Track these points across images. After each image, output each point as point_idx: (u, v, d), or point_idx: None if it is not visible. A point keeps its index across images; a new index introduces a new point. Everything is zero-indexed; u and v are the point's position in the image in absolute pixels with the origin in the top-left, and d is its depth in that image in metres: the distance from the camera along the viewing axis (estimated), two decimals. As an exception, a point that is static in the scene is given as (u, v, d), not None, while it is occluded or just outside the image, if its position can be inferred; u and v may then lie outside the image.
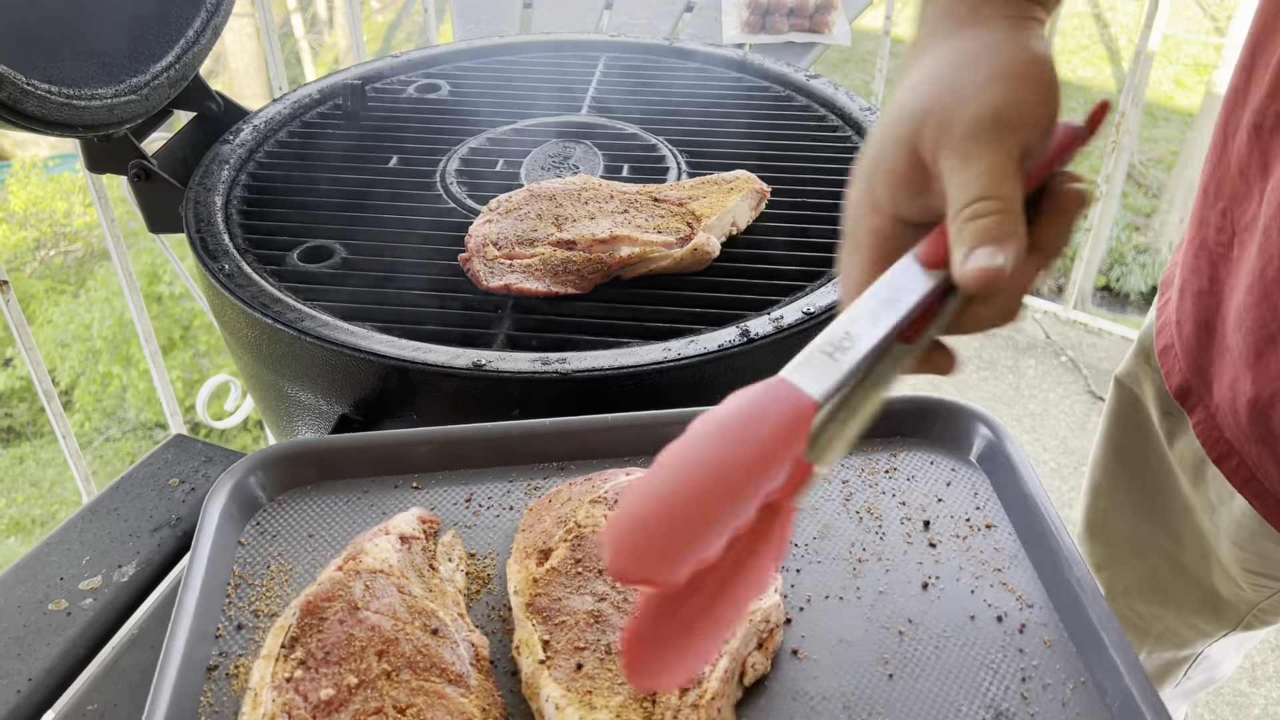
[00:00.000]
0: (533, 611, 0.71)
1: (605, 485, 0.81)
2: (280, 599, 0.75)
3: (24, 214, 6.90)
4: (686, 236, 1.12)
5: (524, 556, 0.76)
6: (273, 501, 0.84)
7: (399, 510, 0.83)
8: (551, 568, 0.73)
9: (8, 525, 5.37)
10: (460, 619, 0.72)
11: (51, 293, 6.62)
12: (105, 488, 0.95)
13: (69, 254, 7.01)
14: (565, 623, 0.69)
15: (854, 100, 1.44)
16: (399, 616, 0.69)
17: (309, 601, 0.69)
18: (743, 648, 0.69)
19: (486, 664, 0.70)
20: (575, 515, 0.77)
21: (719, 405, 0.49)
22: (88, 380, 5.98)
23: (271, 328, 1.02)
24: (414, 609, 0.70)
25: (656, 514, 0.42)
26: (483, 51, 1.65)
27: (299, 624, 0.67)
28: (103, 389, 5.96)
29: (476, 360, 0.97)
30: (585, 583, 0.72)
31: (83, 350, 6.06)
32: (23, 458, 5.79)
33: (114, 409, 5.95)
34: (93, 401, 5.94)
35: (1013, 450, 0.86)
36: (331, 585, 0.70)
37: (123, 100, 1.19)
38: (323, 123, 1.46)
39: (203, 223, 1.18)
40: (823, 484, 0.86)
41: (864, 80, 7.05)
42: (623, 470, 0.84)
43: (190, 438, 0.99)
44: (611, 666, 0.67)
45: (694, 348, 0.99)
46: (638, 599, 0.56)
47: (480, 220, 1.15)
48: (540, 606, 0.71)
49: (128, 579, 0.86)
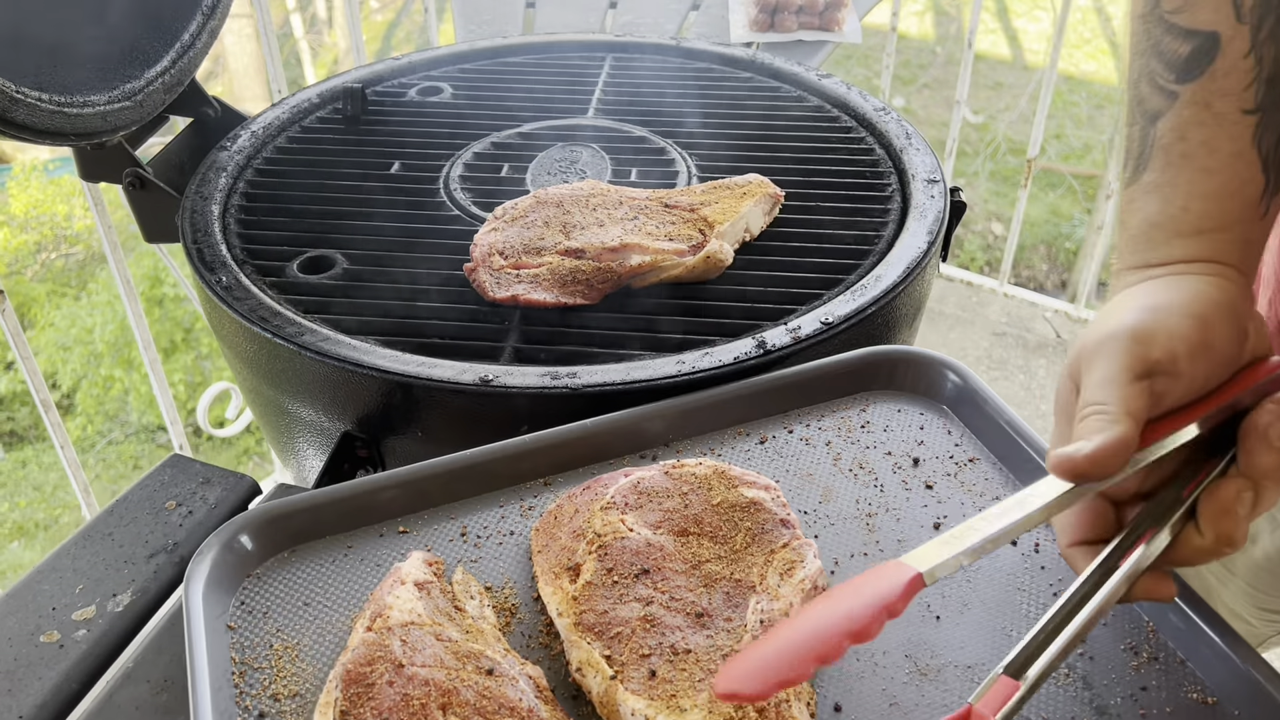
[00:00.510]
0: (583, 630, 0.69)
1: (609, 491, 0.79)
2: (298, 677, 0.71)
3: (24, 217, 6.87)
4: (699, 244, 1.08)
5: (553, 578, 0.74)
6: (251, 577, 0.79)
7: (392, 560, 0.80)
8: (587, 582, 0.72)
9: (10, 530, 5.35)
10: (509, 654, 0.69)
11: (53, 296, 6.59)
12: (104, 497, 0.92)
13: (70, 257, 6.98)
14: (621, 634, 0.68)
15: (868, 100, 1.40)
16: (448, 665, 0.66)
17: (349, 671, 0.65)
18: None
19: (548, 693, 0.67)
20: (592, 526, 0.76)
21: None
22: (90, 384, 5.96)
23: (270, 342, 0.99)
24: (461, 654, 0.67)
25: (766, 653, 0.51)
26: (485, 53, 1.61)
27: (345, 696, 0.64)
28: (105, 392, 5.94)
29: (483, 376, 0.93)
30: (626, 590, 0.71)
31: (84, 354, 6.04)
32: (25, 461, 5.77)
33: (116, 412, 5.92)
34: (95, 405, 5.92)
35: (978, 386, 0.91)
36: (367, 648, 0.66)
37: (116, 107, 1.16)
38: (322, 127, 1.42)
39: (199, 233, 1.14)
40: (810, 449, 0.90)
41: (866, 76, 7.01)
42: (620, 472, 0.82)
43: (187, 458, 0.96)
44: (685, 666, 0.66)
45: (709, 360, 0.95)
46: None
47: (485, 229, 1.11)
48: (589, 623, 0.69)
49: (123, 608, 0.82)
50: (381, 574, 0.79)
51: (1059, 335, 3.04)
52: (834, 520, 0.82)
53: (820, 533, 0.81)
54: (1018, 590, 0.76)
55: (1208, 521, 0.61)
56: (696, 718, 0.63)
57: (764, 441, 0.91)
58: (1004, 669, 0.58)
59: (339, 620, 0.76)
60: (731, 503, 0.77)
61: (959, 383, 0.92)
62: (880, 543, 0.80)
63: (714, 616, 0.69)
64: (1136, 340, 0.61)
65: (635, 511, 0.76)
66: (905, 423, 0.92)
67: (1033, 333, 3.07)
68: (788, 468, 0.88)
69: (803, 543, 0.75)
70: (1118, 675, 0.70)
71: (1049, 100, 2.65)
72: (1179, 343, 0.61)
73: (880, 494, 0.85)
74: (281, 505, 0.82)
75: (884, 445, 0.90)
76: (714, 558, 0.74)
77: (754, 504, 0.77)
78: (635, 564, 0.72)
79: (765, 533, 0.75)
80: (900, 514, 0.83)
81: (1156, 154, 0.70)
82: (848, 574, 0.78)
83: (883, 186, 1.25)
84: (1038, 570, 0.77)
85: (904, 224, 1.15)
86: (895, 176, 1.26)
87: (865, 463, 0.88)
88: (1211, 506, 0.61)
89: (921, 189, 1.20)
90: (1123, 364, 0.60)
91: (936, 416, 0.93)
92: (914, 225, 1.14)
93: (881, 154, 1.31)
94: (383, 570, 0.79)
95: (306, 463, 1.09)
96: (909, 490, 0.85)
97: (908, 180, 1.23)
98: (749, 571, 0.72)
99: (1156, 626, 0.73)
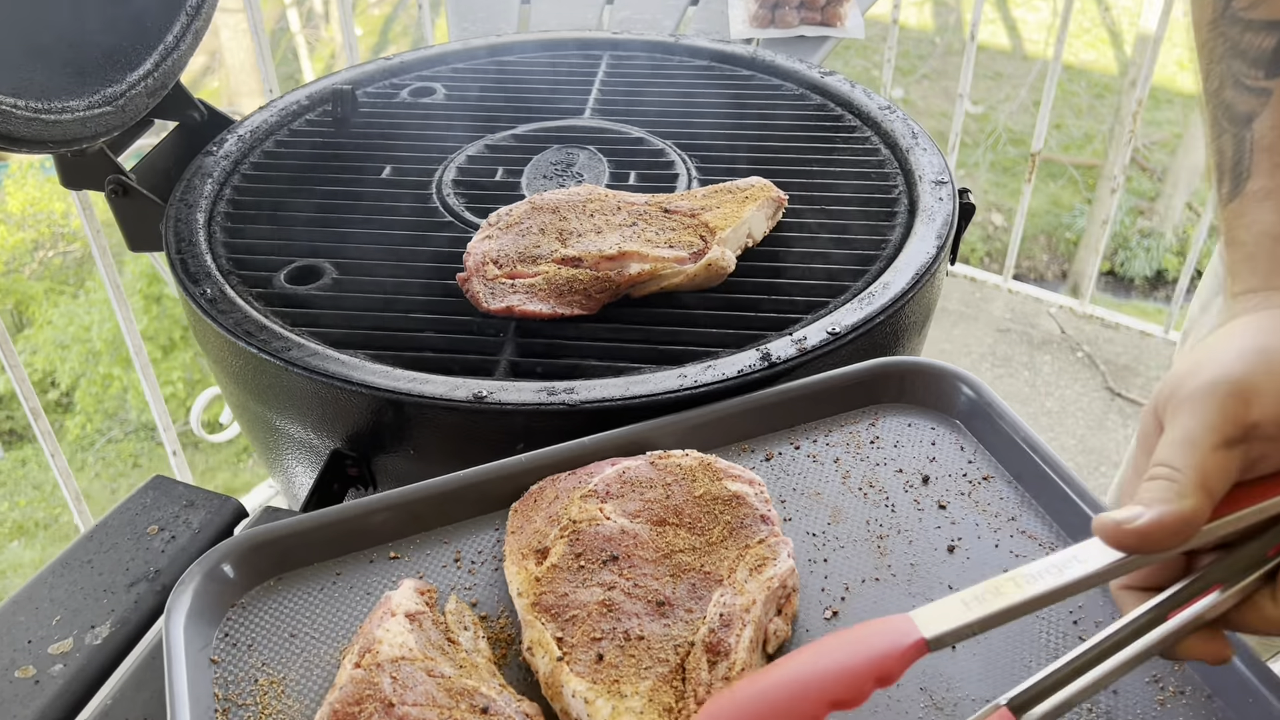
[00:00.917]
0: (540, 610, 0.69)
1: (594, 479, 0.78)
2: (284, 715, 0.68)
3: (21, 215, 6.84)
4: (700, 251, 1.04)
5: (521, 558, 0.73)
6: (235, 606, 0.76)
7: (383, 587, 0.77)
8: (553, 565, 0.71)
9: (11, 529, 5.32)
10: (504, 690, 0.67)
11: (50, 294, 6.56)
12: (103, 496, 0.89)
13: (68, 254, 6.95)
14: (576, 617, 0.68)
15: (872, 99, 1.36)
16: (441, 704, 0.63)
17: (336, 711, 0.62)
18: (764, 616, 0.69)
19: None
20: (568, 513, 0.75)
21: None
22: (88, 382, 5.94)
23: (256, 357, 0.95)
24: (454, 691, 0.64)
25: (744, 705, 0.49)
26: (479, 52, 1.57)
27: None
28: (104, 390, 5.92)
29: (477, 392, 0.90)
30: (590, 575, 0.70)
31: (83, 352, 6.01)
32: (25, 460, 5.74)
33: (116, 410, 5.90)
34: (94, 403, 5.89)
35: (991, 399, 0.87)
36: (355, 686, 0.64)
37: (96, 112, 1.12)
38: (312, 130, 1.38)
39: (183, 242, 1.11)
40: (817, 466, 0.86)
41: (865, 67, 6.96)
42: (608, 461, 0.81)
43: (171, 479, 0.92)
44: (634, 653, 0.65)
45: (711, 374, 0.92)
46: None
47: (479, 236, 1.07)
48: (547, 604, 0.69)
49: (101, 641, 0.79)
50: (372, 602, 0.76)
51: (1064, 331, 3.01)
52: (844, 543, 0.80)
53: (830, 556, 0.79)
54: (1038, 618, 0.73)
55: None
56: (636, 704, 0.62)
57: (770, 458, 0.87)
58: (1008, 701, 0.54)
59: (327, 653, 0.73)
60: (714, 495, 0.76)
61: (972, 396, 0.89)
62: (892, 567, 0.78)
63: (675, 606, 0.69)
64: (1235, 395, 0.53)
65: (615, 500, 0.76)
66: (916, 438, 0.89)
67: (1037, 329, 3.03)
68: (794, 486, 0.85)
69: (779, 540, 0.74)
70: (1142, 710, 0.66)
71: (1053, 93, 2.61)
72: None
73: (892, 514, 0.82)
74: (267, 531, 0.78)
75: (894, 462, 0.87)
76: (687, 549, 0.73)
77: (736, 497, 0.76)
78: (605, 550, 0.72)
79: (744, 527, 0.74)
80: (913, 536, 0.80)
81: (1259, 157, 0.64)
82: (859, 601, 0.75)
83: (889, 189, 1.21)
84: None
85: (911, 227, 1.12)
86: (902, 178, 1.22)
87: (875, 481, 0.85)
88: None
89: (929, 191, 1.16)
90: (1210, 423, 0.52)
91: (949, 431, 0.89)
92: (922, 229, 1.10)
93: (887, 154, 1.27)
94: (373, 598, 0.76)
95: (296, 480, 1.06)
96: (921, 510, 0.82)
97: (915, 181, 1.19)
98: (720, 564, 0.72)
99: None
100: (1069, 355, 2.95)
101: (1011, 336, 3.01)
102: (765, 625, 0.70)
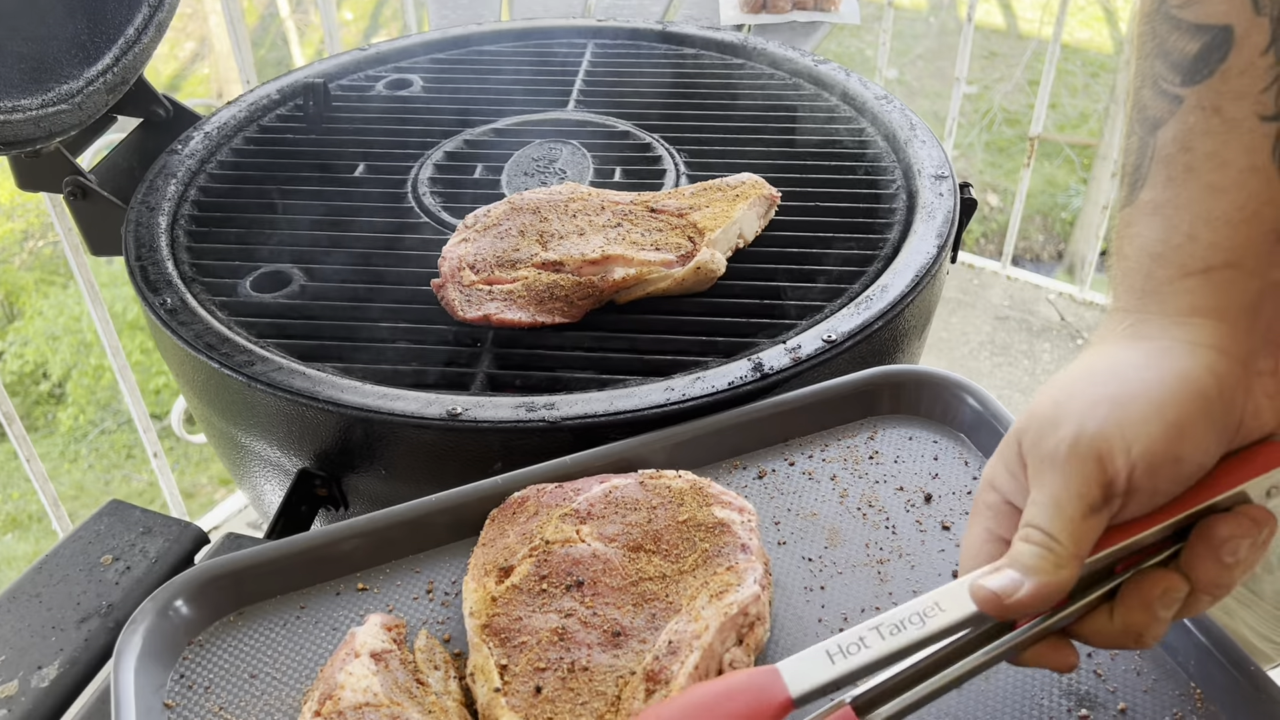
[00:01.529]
0: (489, 634, 0.66)
1: (579, 497, 0.74)
2: None
3: (10, 205, 6.77)
4: (688, 253, 0.99)
5: (483, 574, 0.70)
6: (193, 644, 0.71)
7: (349, 622, 0.72)
8: (513, 585, 0.68)
9: (5, 521, 5.28)
10: None
11: (41, 284, 6.50)
12: (98, 488, 0.84)
13: (58, 245, 6.88)
14: (525, 644, 0.65)
15: (869, 88, 1.30)
16: None
17: None
18: (719, 644, 0.65)
19: None
20: (543, 532, 0.71)
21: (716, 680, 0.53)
22: (80, 373, 5.89)
23: (218, 372, 0.90)
24: None
25: None
26: (459, 41, 1.51)
27: None
28: (96, 381, 5.87)
29: (451, 409, 0.84)
30: (550, 600, 0.67)
31: (74, 343, 5.96)
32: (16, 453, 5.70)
33: (108, 401, 5.85)
34: (86, 395, 5.84)
35: (997, 411, 0.83)
36: None
37: (51, 111, 1.06)
38: (282, 126, 1.32)
39: (144, 248, 1.05)
40: (813, 484, 0.82)
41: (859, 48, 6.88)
42: (598, 478, 0.77)
43: (127, 504, 0.87)
44: (575, 685, 0.62)
45: (700, 386, 0.86)
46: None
47: (455, 239, 1.02)
48: (498, 628, 0.66)
49: (49, 683, 0.74)
50: (338, 638, 0.71)
51: (1063, 319, 2.96)
52: (842, 568, 0.75)
53: (827, 583, 0.74)
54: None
55: (1123, 609, 0.55)
56: None
57: (762, 476, 0.82)
58: (851, 700, 0.53)
59: (289, 695, 0.68)
60: (699, 521, 0.72)
61: (976, 407, 0.84)
62: (894, 595, 0.73)
63: (630, 637, 0.65)
64: (1094, 459, 0.52)
65: (595, 521, 0.72)
66: (918, 452, 0.84)
67: (1036, 316, 2.98)
68: (789, 506, 0.80)
69: (748, 566, 0.69)
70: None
71: (1052, 76, 2.55)
72: (1140, 459, 0.52)
73: (893, 537, 0.77)
74: (226, 563, 0.73)
75: (895, 479, 0.82)
76: (656, 576, 0.69)
77: (721, 525, 0.72)
78: (571, 574, 0.69)
79: (720, 555, 0.70)
80: (915, 560, 0.75)
81: (1156, 168, 0.59)
82: None
83: (887, 184, 1.15)
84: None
85: (910, 225, 1.06)
86: (900, 172, 1.16)
87: (875, 500, 0.80)
88: (1134, 596, 0.55)
89: (929, 186, 1.11)
90: (1076, 490, 0.52)
91: (952, 444, 0.85)
92: (921, 227, 1.05)
93: (885, 146, 1.22)
94: (339, 634, 0.72)
95: (264, 498, 1.01)
96: (924, 532, 0.77)
97: (913, 176, 1.13)
98: (684, 593, 0.68)
99: (1205, 694, 0.65)
100: (1069, 343, 2.90)
101: (1010, 324, 2.96)
102: (720, 654, 0.65)
